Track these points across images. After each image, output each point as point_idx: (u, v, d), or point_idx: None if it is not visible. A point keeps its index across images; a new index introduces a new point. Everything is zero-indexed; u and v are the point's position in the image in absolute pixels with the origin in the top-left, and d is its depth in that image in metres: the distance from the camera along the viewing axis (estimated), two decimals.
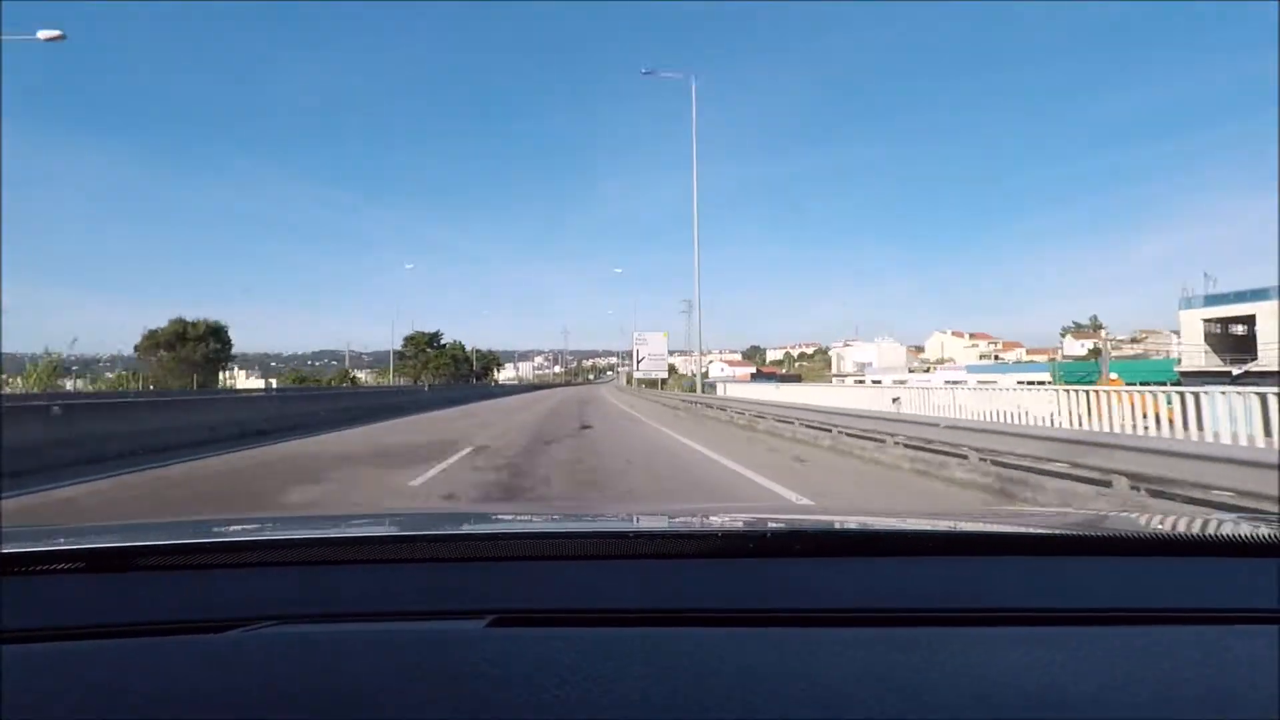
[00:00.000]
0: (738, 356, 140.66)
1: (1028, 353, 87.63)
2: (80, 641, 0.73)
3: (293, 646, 0.71)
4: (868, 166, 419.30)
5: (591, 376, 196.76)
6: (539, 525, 1.40)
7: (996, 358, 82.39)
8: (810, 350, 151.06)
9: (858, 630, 0.74)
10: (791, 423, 12.28)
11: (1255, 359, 29.39)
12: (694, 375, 33.32)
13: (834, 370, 77.45)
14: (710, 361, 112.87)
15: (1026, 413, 7.85)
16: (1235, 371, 27.81)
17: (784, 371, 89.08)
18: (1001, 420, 8.12)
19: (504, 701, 0.58)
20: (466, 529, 1.25)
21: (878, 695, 0.59)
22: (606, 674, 0.62)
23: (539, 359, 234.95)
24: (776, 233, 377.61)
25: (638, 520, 1.42)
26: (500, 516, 1.70)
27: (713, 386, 33.15)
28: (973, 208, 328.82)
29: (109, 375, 39.16)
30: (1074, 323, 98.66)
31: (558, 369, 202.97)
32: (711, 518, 1.43)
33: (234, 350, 47.87)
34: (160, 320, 43.35)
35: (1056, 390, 7.65)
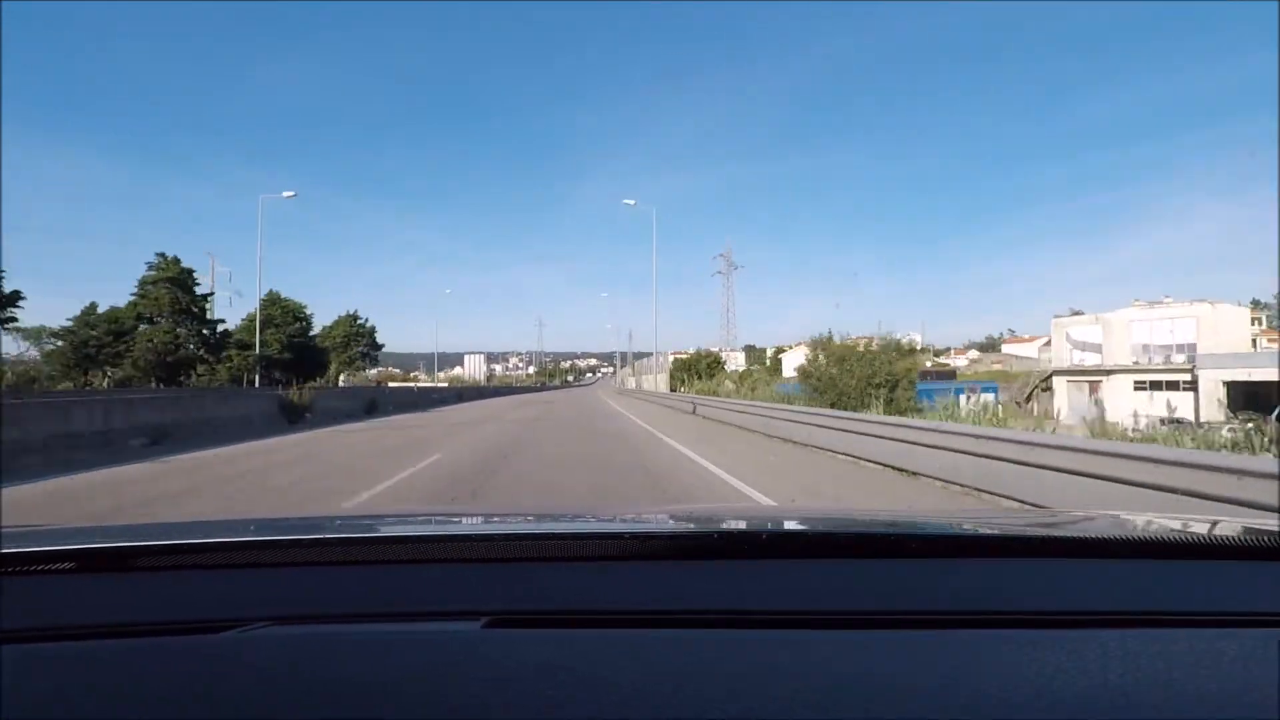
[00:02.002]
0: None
1: None
2: (77, 642, 0.72)
3: (289, 647, 0.71)
4: (848, 168, 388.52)
5: (570, 378, 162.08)
6: (535, 527, 1.37)
7: None
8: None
9: (853, 632, 0.74)
10: None
11: None
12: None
13: (1066, 361, 36.61)
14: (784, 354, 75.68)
15: None
16: None
17: (951, 367, 52.33)
18: None
19: (500, 702, 0.57)
20: (462, 530, 1.27)
21: (873, 697, 0.59)
22: (603, 675, 0.62)
23: (514, 359, 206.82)
24: (758, 233, 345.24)
25: (633, 522, 1.38)
26: (496, 518, 1.66)
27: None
28: (951, 207, 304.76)
29: None
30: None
31: (531, 369, 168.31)
32: (708, 520, 1.42)
33: None
34: None
35: None
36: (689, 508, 3.21)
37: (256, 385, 29.17)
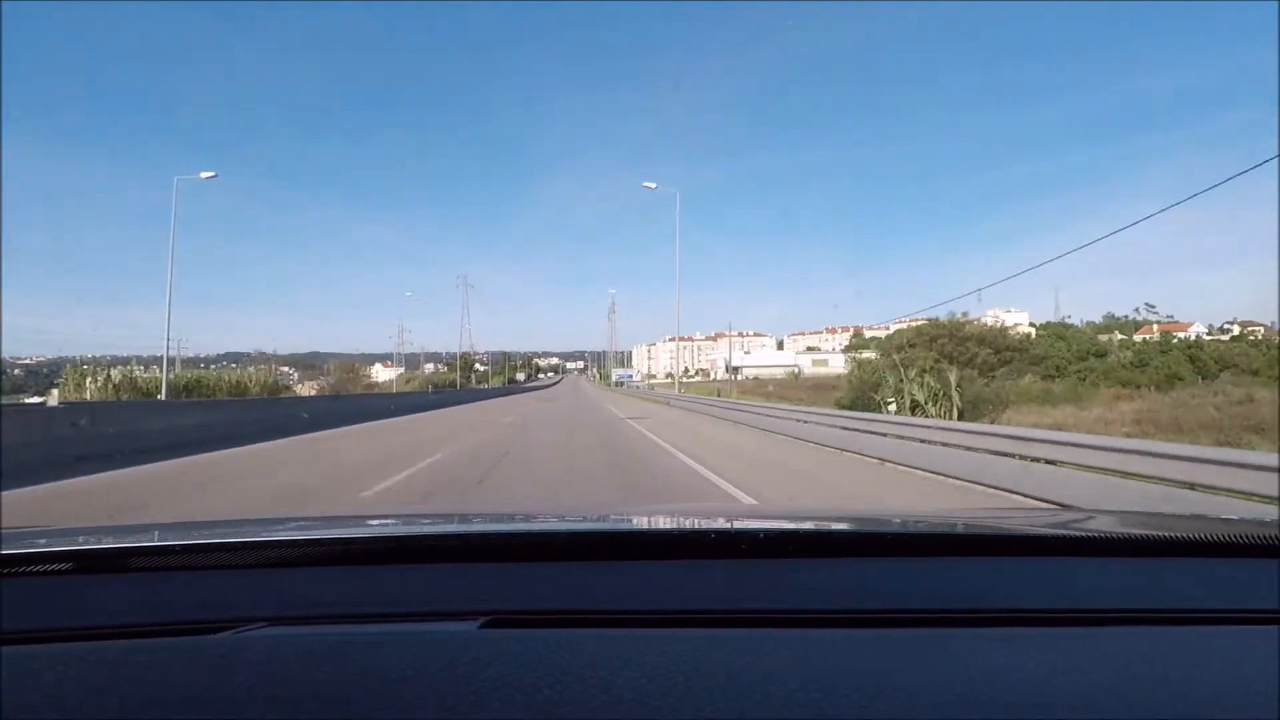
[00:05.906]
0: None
1: None
2: (73, 643, 0.72)
3: (286, 648, 0.70)
4: (813, 167, 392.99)
5: (522, 377, 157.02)
6: (533, 526, 1.38)
7: None
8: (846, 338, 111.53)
9: (851, 631, 0.74)
10: None
11: None
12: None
13: None
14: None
15: None
16: None
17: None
18: None
19: (498, 703, 0.57)
20: (460, 530, 1.29)
21: (871, 696, 0.58)
22: (601, 675, 0.62)
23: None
24: (728, 231, 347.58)
25: (632, 521, 1.41)
26: (493, 517, 1.66)
27: None
28: (914, 207, 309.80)
29: None
30: None
31: (485, 369, 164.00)
32: (705, 519, 1.45)
33: None
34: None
35: None
36: (686, 506, 3.19)
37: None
